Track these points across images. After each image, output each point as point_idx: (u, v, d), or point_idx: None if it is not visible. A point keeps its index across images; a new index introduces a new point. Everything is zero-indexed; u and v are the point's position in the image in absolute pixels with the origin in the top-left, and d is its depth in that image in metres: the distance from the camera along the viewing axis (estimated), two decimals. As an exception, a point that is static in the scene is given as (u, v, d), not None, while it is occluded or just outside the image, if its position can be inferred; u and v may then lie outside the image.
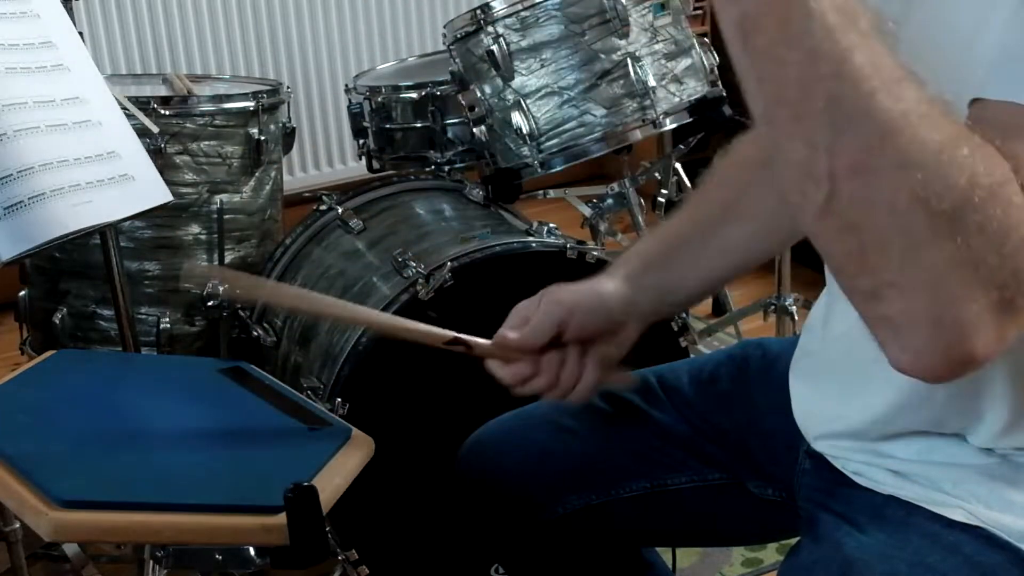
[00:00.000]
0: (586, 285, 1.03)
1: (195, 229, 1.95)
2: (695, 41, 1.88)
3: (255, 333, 1.85)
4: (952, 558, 0.80)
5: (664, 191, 2.57)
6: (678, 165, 2.57)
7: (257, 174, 2.02)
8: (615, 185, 2.30)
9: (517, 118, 1.79)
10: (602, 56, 1.78)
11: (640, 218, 2.31)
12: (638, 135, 1.81)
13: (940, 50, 0.69)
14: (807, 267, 2.36)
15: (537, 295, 1.02)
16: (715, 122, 1.88)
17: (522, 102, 1.79)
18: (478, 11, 1.80)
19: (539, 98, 1.79)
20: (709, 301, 2.76)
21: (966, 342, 0.60)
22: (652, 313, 1.05)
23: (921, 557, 0.80)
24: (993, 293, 0.59)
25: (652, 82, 1.79)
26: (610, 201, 2.33)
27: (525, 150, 1.81)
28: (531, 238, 1.70)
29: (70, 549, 1.76)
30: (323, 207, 1.97)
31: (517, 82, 1.80)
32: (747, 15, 0.61)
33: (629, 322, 1.03)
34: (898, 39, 0.63)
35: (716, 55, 1.90)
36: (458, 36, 1.87)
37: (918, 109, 0.59)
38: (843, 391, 0.90)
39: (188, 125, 1.90)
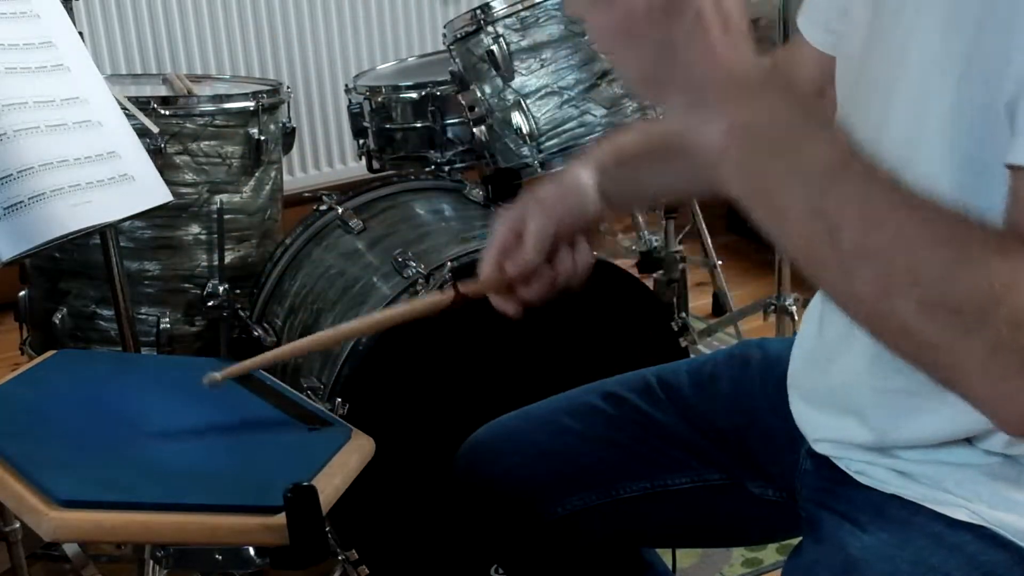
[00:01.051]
0: (565, 181, 1.03)
1: (195, 229, 1.95)
2: (695, 41, 1.88)
3: (255, 333, 1.85)
4: (955, 558, 0.80)
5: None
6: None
7: (257, 174, 2.01)
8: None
9: (517, 118, 1.79)
10: (602, 56, 1.78)
11: (640, 218, 2.31)
12: (638, 135, 1.81)
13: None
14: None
15: (519, 204, 1.02)
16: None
17: (522, 102, 1.79)
18: (478, 11, 1.80)
19: (539, 98, 1.79)
20: (709, 301, 2.77)
21: None
22: (619, 199, 1.06)
23: (924, 557, 0.80)
24: None
25: (652, 82, 1.78)
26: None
27: (525, 150, 1.81)
28: (531, 238, 1.70)
29: (70, 549, 1.76)
30: (323, 207, 1.97)
31: (517, 82, 1.80)
32: (748, 196, 0.67)
33: (603, 207, 1.04)
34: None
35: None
36: (458, 36, 1.87)
37: (919, 233, 0.62)
38: (842, 409, 0.91)
39: (188, 125, 1.90)
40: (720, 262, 2.55)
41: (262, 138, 1.98)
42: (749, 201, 0.67)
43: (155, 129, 1.75)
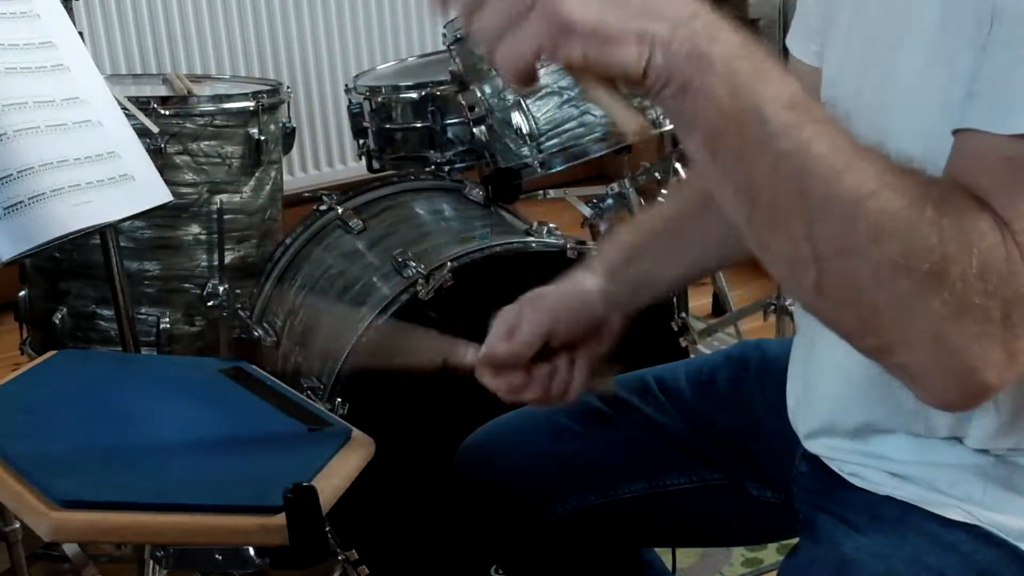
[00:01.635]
0: (567, 285, 1.02)
1: (195, 229, 1.95)
2: (695, 41, 1.88)
3: (256, 333, 1.85)
4: (949, 556, 0.80)
5: (664, 191, 2.57)
6: (678, 165, 2.57)
7: (257, 174, 2.02)
8: (615, 185, 2.29)
9: (517, 118, 1.79)
10: (602, 56, 1.77)
11: (640, 218, 2.31)
12: (638, 135, 1.81)
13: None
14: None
15: (518, 301, 1.02)
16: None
17: (522, 102, 1.79)
18: (478, 11, 1.80)
19: (539, 98, 1.79)
20: (709, 301, 2.77)
21: (977, 378, 0.64)
22: (632, 304, 1.04)
23: (918, 556, 0.80)
24: (989, 327, 0.62)
25: (652, 82, 1.78)
26: (610, 201, 2.33)
27: (525, 150, 1.81)
28: (531, 238, 1.70)
29: (70, 549, 1.76)
30: (323, 207, 1.97)
31: (517, 82, 1.80)
32: (708, 134, 0.64)
33: (611, 316, 1.02)
34: (850, 115, 0.66)
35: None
36: (458, 36, 1.87)
37: (882, 180, 0.62)
38: (831, 388, 0.91)
39: (188, 125, 1.90)
40: (720, 262, 2.54)
41: (262, 138, 1.98)
42: (687, 122, 0.64)
43: (155, 129, 1.76)
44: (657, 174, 2.54)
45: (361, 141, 2.15)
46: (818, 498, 0.93)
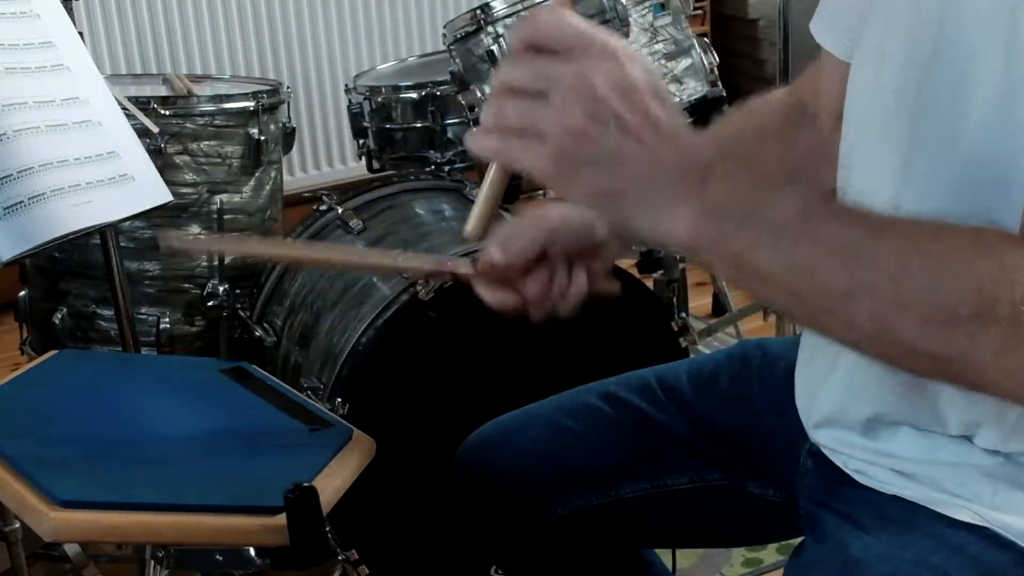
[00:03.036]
0: (571, 206, 1.00)
1: (195, 229, 1.95)
2: (695, 41, 1.88)
3: (256, 333, 1.85)
4: (956, 558, 0.80)
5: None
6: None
7: (257, 174, 2.01)
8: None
9: (517, 118, 1.79)
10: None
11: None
12: (638, 135, 1.81)
13: None
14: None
15: (524, 212, 1.00)
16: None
17: (522, 102, 1.79)
18: (478, 11, 1.80)
19: (539, 98, 1.79)
20: (709, 301, 2.77)
21: None
22: (632, 238, 1.03)
23: (925, 557, 0.80)
24: None
25: (652, 82, 1.78)
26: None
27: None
28: (531, 238, 1.70)
29: (71, 549, 1.76)
30: (323, 207, 1.97)
31: (517, 82, 1.80)
32: (728, 276, 0.70)
33: (612, 241, 1.00)
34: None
35: (716, 55, 1.90)
36: (458, 36, 1.87)
37: (897, 256, 0.65)
38: (840, 377, 0.90)
39: (188, 125, 1.90)
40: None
41: (262, 138, 1.98)
42: (730, 274, 0.69)
43: (155, 129, 1.75)
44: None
45: (361, 141, 2.15)
46: (823, 496, 0.93)
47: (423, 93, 2.02)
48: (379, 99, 2.07)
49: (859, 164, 0.88)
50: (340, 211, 1.91)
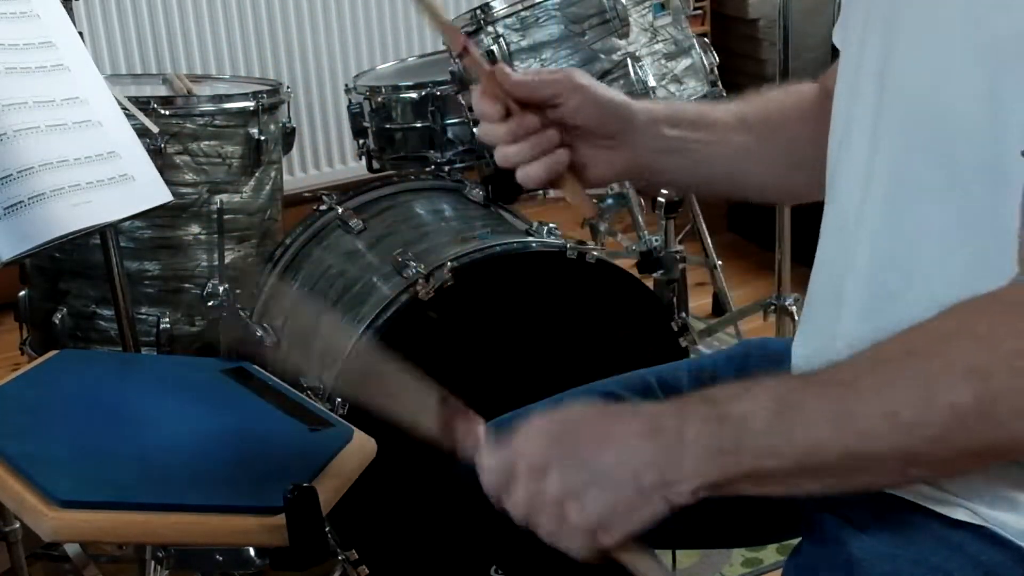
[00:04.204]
0: (612, 90, 0.98)
1: (195, 229, 1.95)
2: (695, 41, 1.88)
3: (256, 333, 1.85)
4: (957, 557, 0.80)
5: (664, 191, 2.56)
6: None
7: (257, 174, 2.01)
8: (615, 185, 2.29)
9: (517, 118, 1.79)
10: (602, 56, 1.78)
11: (640, 218, 2.31)
12: (638, 135, 1.81)
13: None
14: (807, 267, 2.36)
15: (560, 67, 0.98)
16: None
17: (522, 102, 1.79)
18: (478, 11, 1.80)
19: (539, 98, 1.79)
20: (709, 301, 2.77)
21: None
22: (649, 157, 1.01)
23: (926, 556, 0.80)
24: None
25: (652, 82, 1.79)
26: (610, 201, 2.33)
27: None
28: (531, 238, 1.70)
29: (71, 549, 1.76)
30: (323, 207, 1.97)
31: (517, 82, 1.80)
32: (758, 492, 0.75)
33: (621, 149, 0.99)
34: None
35: (716, 55, 1.90)
36: (458, 36, 1.87)
37: (881, 385, 0.68)
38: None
39: (188, 125, 1.90)
40: (720, 262, 2.55)
41: (262, 138, 1.98)
42: (762, 491, 0.73)
43: (155, 129, 1.75)
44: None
45: (361, 141, 2.15)
46: (821, 497, 0.93)
47: (423, 93, 2.02)
48: (379, 99, 2.07)
49: (844, 163, 0.89)
50: (340, 211, 1.91)
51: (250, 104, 1.97)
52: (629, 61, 1.77)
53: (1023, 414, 0.64)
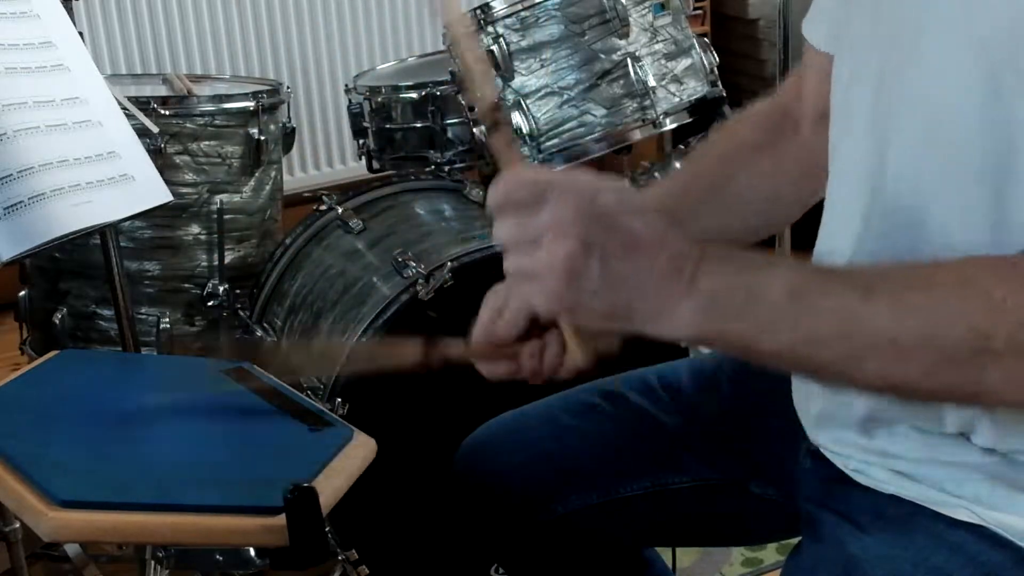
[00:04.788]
0: None
1: (195, 229, 1.95)
2: (695, 41, 1.88)
3: (256, 333, 1.85)
4: (957, 558, 0.80)
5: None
6: (678, 165, 2.57)
7: (257, 174, 2.01)
8: (615, 185, 2.29)
9: (517, 118, 1.79)
10: (602, 56, 1.78)
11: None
12: (638, 135, 1.81)
13: None
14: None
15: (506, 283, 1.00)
16: (715, 122, 1.88)
17: (522, 102, 1.79)
18: (478, 11, 1.80)
19: (539, 98, 1.79)
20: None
21: None
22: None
23: (925, 557, 0.80)
24: None
25: (652, 82, 1.79)
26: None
27: (525, 150, 1.81)
28: (531, 238, 1.70)
29: (71, 549, 1.76)
30: (323, 207, 1.97)
31: (517, 82, 1.80)
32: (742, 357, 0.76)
33: None
34: None
35: (716, 55, 1.90)
36: (458, 36, 1.87)
37: (894, 307, 0.69)
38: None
39: (188, 125, 1.90)
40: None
41: (262, 138, 1.98)
42: (741, 356, 0.74)
43: (155, 129, 1.75)
44: (657, 174, 2.54)
45: (361, 141, 2.15)
46: (822, 495, 0.93)
47: (423, 93, 2.02)
48: (379, 99, 2.07)
49: (842, 155, 0.89)
50: (340, 211, 1.91)
51: (250, 104, 1.97)
52: (629, 61, 1.77)
53: (1008, 381, 0.67)
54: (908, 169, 0.80)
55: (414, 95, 2.03)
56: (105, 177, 1.41)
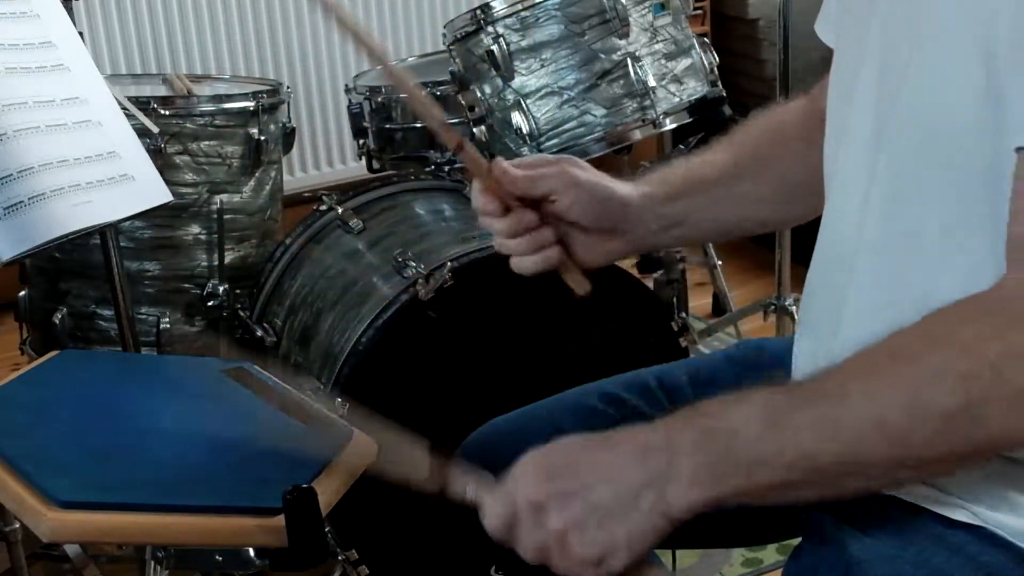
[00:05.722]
0: (605, 177, 1.00)
1: (195, 229, 1.95)
2: (695, 41, 1.88)
3: (256, 333, 1.85)
4: (956, 558, 0.80)
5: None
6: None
7: (257, 174, 2.01)
8: (615, 185, 2.29)
9: (517, 118, 1.79)
10: (602, 56, 1.78)
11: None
12: (638, 135, 1.81)
13: None
14: (807, 267, 2.36)
15: (557, 156, 0.99)
16: (715, 122, 1.88)
17: (522, 102, 1.79)
18: (478, 11, 1.80)
19: (539, 98, 1.79)
20: (709, 301, 2.76)
21: None
22: (651, 238, 1.03)
23: (926, 558, 0.80)
24: None
25: (652, 82, 1.79)
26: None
27: (525, 150, 1.81)
28: (531, 238, 1.70)
29: (71, 549, 1.76)
30: (323, 207, 1.97)
31: (517, 82, 1.80)
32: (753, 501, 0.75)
33: (620, 237, 1.01)
34: None
35: (716, 55, 1.90)
36: (458, 36, 1.87)
37: (870, 394, 0.69)
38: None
39: (188, 125, 1.90)
40: (720, 262, 2.55)
41: (262, 138, 1.98)
42: (751, 502, 0.74)
43: (155, 129, 1.75)
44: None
45: (361, 141, 2.15)
46: (818, 500, 0.93)
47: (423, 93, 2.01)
48: (379, 99, 2.08)
49: (841, 164, 0.89)
50: (340, 211, 1.91)
51: (250, 104, 1.97)
52: (629, 61, 1.77)
53: (1010, 415, 0.66)
54: (905, 176, 0.80)
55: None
56: (105, 177, 1.41)
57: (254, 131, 1.97)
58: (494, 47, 1.78)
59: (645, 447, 0.73)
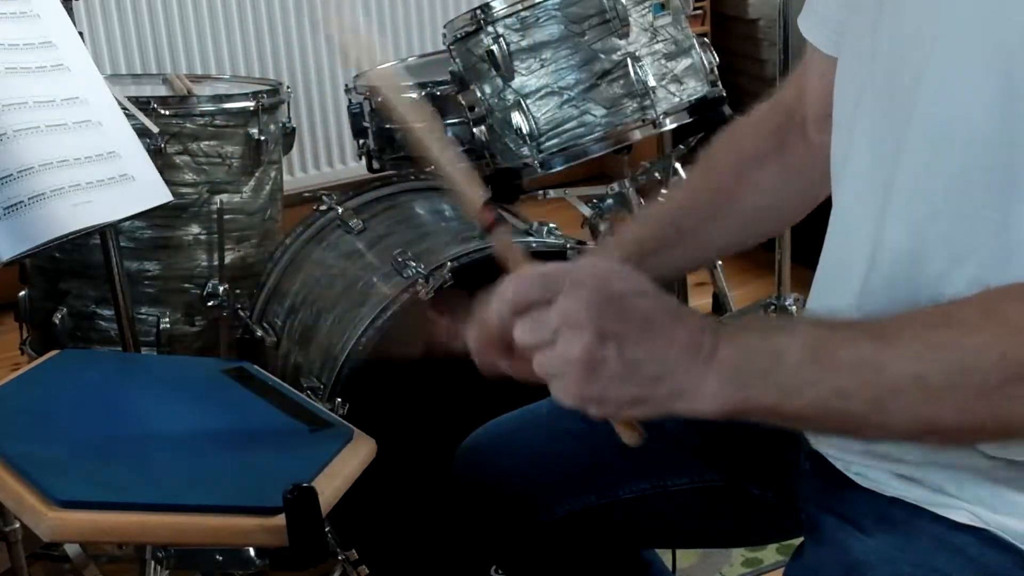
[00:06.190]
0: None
1: (195, 229, 1.95)
2: (695, 41, 1.88)
3: (256, 333, 1.85)
4: (958, 560, 0.80)
5: (664, 191, 2.56)
6: (678, 165, 2.56)
7: (257, 174, 2.01)
8: (615, 185, 2.29)
9: (517, 118, 1.79)
10: (602, 56, 1.78)
11: (640, 218, 2.30)
12: (638, 135, 1.81)
13: None
14: (807, 267, 2.36)
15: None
16: (715, 122, 1.87)
17: (522, 102, 1.79)
18: (478, 11, 1.80)
19: (539, 98, 1.79)
20: (709, 301, 2.76)
21: None
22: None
23: (927, 559, 0.80)
24: None
25: (652, 82, 1.79)
26: (610, 201, 2.32)
27: (525, 150, 1.81)
28: (531, 238, 1.70)
29: (71, 549, 1.76)
30: (323, 207, 1.97)
31: (517, 82, 1.80)
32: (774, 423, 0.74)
33: None
34: None
35: (716, 55, 1.90)
36: (458, 36, 1.87)
37: (917, 348, 0.69)
38: None
39: (188, 125, 1.90)
40: (720, 262, 2.54)
41: (262, 138, 1.98)
42: (771, 421, 0.73)
43: (155, 129, 1.76)
44: (657, 174, 2.54)
45: (361, 141, 2.15)
46: (822, 498, 0.93)
47: (423, 93, 2.02)
48: (379, 99, 2.07)
49: (850, 174, 0.88)
50: (340, 211, 1.91)
51: (250, 104, 1.97)
52: (629, 61, 1.77)
53: None
54: (915, 181, 0.79)
55: (414, 95, 2.03)
56: (105, 177, 1.41)
57: (254, 131, 1.97)
58: (494, 47, 1.78)
59: (694, 340, 0.71)
